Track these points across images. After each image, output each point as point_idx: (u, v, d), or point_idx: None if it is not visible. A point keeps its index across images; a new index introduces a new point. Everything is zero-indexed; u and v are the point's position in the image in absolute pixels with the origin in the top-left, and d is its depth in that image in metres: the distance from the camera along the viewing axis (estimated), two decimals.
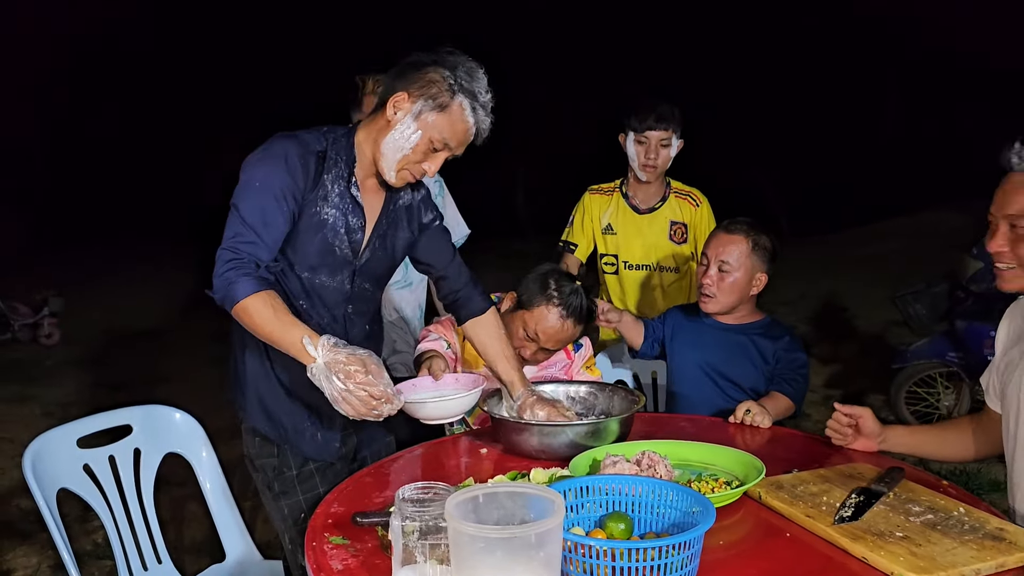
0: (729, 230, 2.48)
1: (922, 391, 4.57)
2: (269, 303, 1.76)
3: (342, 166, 1.95)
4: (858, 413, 1.99)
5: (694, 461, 1.88)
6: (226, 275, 1.76)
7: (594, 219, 3.17)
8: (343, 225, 1.95)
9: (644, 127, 3.01)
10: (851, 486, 1.71)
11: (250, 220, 1.81)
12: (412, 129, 1.87)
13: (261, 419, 2.03)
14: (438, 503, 1.34)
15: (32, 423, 5.41)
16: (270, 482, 2.06)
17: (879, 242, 11.17)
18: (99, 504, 2.14)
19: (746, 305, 2.51)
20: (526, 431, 1.94)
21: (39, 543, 3.51)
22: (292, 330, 1.74)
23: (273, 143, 1.90)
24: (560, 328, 2.30)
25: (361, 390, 1.67)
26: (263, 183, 1.84)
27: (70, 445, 2.15)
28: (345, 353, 1.69)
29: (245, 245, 1.80)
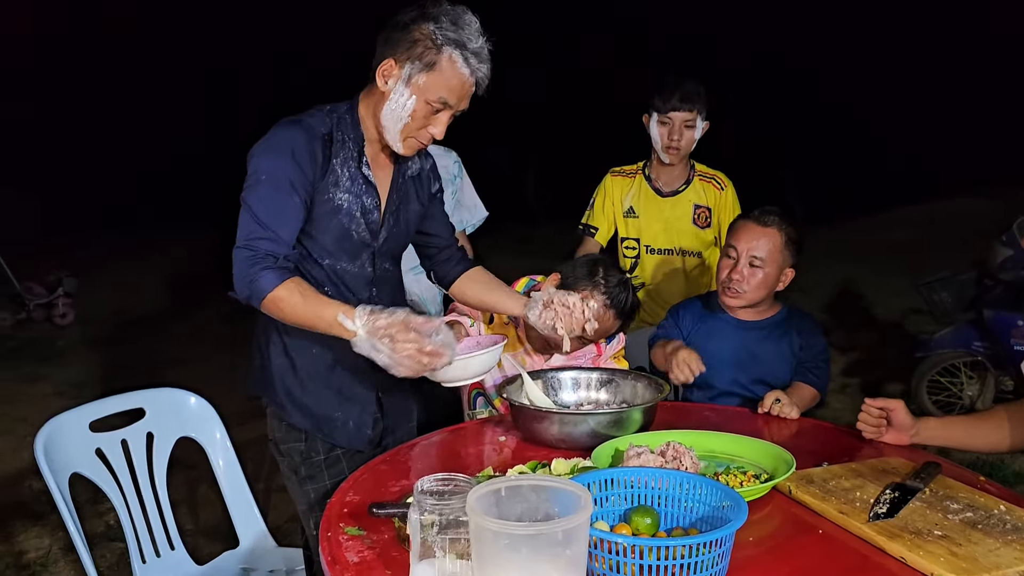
0: (762, 222, 2.34)
1: (945, 381, 4.49)
2: (297, 290, 1.72)
3: (350, 146, 1.88)
4: (890, 406, 1.92)
5: (720, 453, 1.82)
6: (247, 273, 1.72)
7: (615, 202, 3.10)
8: (358, 208, 1.89)
9: (668, 107, 2.92)
10: (884, 481, 1.65)
11: (263, 217, 1.76)
12: (406, 96, 1.79)
13: (292, 411, 1.98)
14: (459, 496, 1.28)
15: (44, 403, 5.41)
16: (296, 467, 2.01)
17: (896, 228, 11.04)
18: (111, 489, 2.11)
19: (768, 299, 2.41)
20: (546, 419, 1.89)
21: (51, 524, 3.49)
22: (326, 310, 1.69)
23: (277, 132, 1.83)
24: (602, 318, 2.17)
25: (408, 349, 1.62)
26: (270, 176, 1.78)
27: (82, 429, 2.12)
28: (384, 318, 1.64)
29: (261, 242, 1.75)
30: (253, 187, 1.78)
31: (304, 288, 1.74)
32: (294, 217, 1.80)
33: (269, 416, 2.03)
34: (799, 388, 2.30)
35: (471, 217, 2.90)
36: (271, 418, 2.03)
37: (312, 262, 1.89)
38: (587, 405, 2.10)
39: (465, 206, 2.87)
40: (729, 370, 2.42)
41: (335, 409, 1.99)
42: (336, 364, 1.96)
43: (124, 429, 2.21)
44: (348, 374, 1.98)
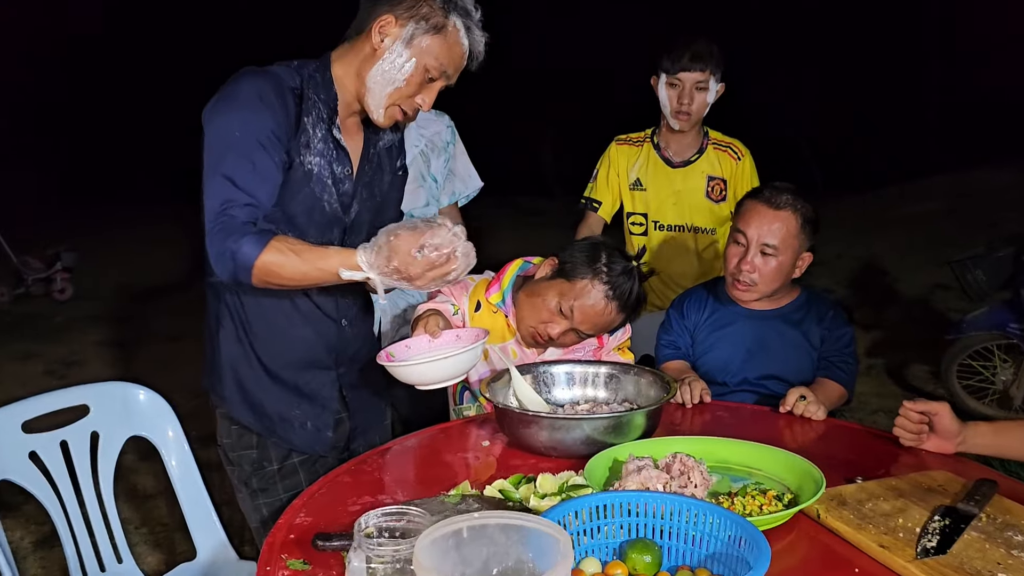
0: (774, 203, 2.03)
1: (977, 364, 4.21)
2: (286, 248, 1.53)
3: (321, 107, 1.67)
4: (933, 410, 1.65)
5: (735, 464, 1.57)
6: (224, 248, 1.52)
7: (620, 173, 2.82)
8: (329, 175, 1.69)
9: (677, 68, 2.64)
10: (931, 503, 1.40)
11: (240, 180, 1.54)
12: (404, 57, 1.62)
13: (242, 409, 1.78)
14: (413, 535, 1.04)
15: (32, 382, 5.24)
16: (247, 478, 1.81)
17: (920, 201, 10.70)
18: (48, 497, 1.88)
19: (783, 286, 2.13)
20: (534, 424, 1.64)
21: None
22: (326, 262, 1.53)
23: (240, 82, 1.61)
24: (602, 310, 1.92)
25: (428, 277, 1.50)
26: (244, 131, 1.56)
27: (13, 429, 1.88)
28: (385, 255, 1.48)
29: (237, 209, 1.53)
30: (222, 147, 1.56)
31: (293, 244, 1.54)
32: (276, 174, 1.60)
33: (219, 418, 1.83)
34: (824, 385, 2.03)
35: (465, 188, 2.63)
36: (221, 421, 1.82)
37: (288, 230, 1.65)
38: (583, 404, 1.85)
39: (459, 176, 2.60)
40: (741, 365, 2.16)
41: (292, 407, 1.78)
42: (296, 354, 1.75)
43: (64, 429, 1.97)
44: (309, 367, 1.77)
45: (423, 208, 2.51)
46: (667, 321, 2.26)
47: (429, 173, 2.51)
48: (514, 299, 2.06)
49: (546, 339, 1.95)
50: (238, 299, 1.74)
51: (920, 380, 4.86)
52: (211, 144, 1.58)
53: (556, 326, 1.93)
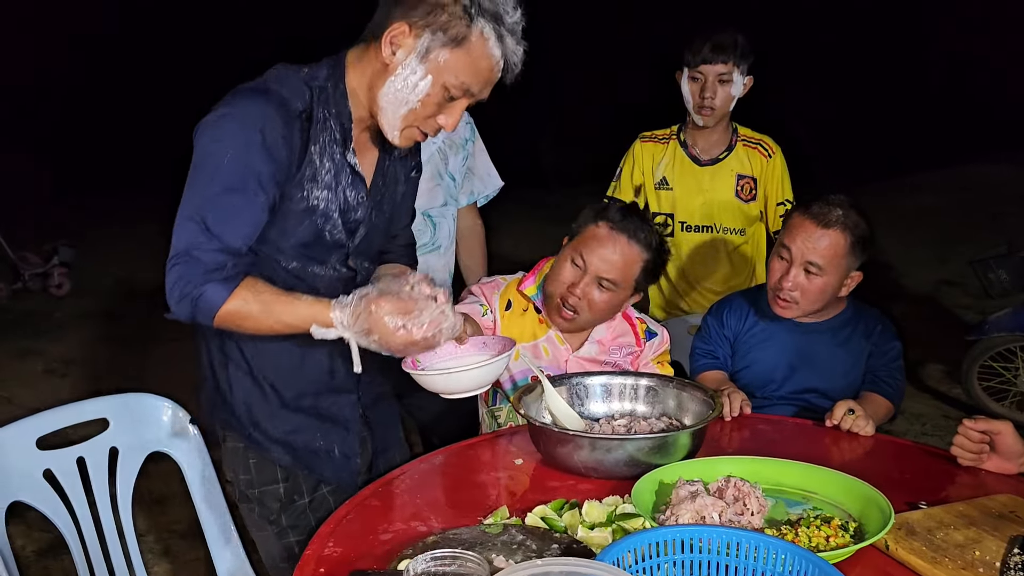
0: (822, 221, 1.90)
1: (998, 366, 4.13)
2: (252, 297, 1.39)
3: (332, 126, 1.48)
4: (995, 429, 1.56)
5: (790, 487, 1.48)
6: (186, 291, 1.37)
7: (645, 172, 2.71)
8: (338, 207, 1.51)
9: (698, 60, 2.54)
10: (1005, 532, 1.31)
11: (212, 224, 1.37)
12: (419, 75, 1.41)
13: (270, 445, 1.62)
14: None
15: (32, 380, 5.16)
16: (274, 515, 1.64)
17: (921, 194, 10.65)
18: (62, 519, 1.77)
19: None
20: (572, 443, 1.54)
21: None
22: (294, 317, 1.40)
23: (240, 105, 1.41)
24: (612, 246, 1.86)
25: (398, 339, 1.37)
26: (230, 168, 1.38)
27: (27, 446, 1.77)
28: (363, 324, 1.36)
29: (205, 254, 1.37)
30: (203, 180, 1.39)
31: (260, 291, 1.40)
32: (253, 222, 1.42)
33: (228, 453, 1.66)
34: (871, 399, 1.94)
35: (484, 188, 2.53)
36: (231, 455, 1.65)
37: (272, 265, 1.51)
38: (619, 419, 1.75)
39: (478, 175, 2.50)
40: (782, 378, 2.07)
41: (317, 437, 1.64)
42: (314, 381, 1.61)
43: (81, 445, 1.87)
44: (329, 391, 1.63)
45: (440, 207, 2.41)
46: (704, 329, 2.16)
47: (447, 171, 2.41)
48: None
49: (570, 300, 1.90)
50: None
51: (935, 380, 4.78)
52: (195, 169, 1.40)
53: (573, 280, 1.90)
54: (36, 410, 1.86)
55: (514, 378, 2.04)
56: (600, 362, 2.00)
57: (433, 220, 2.39)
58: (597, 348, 2.01)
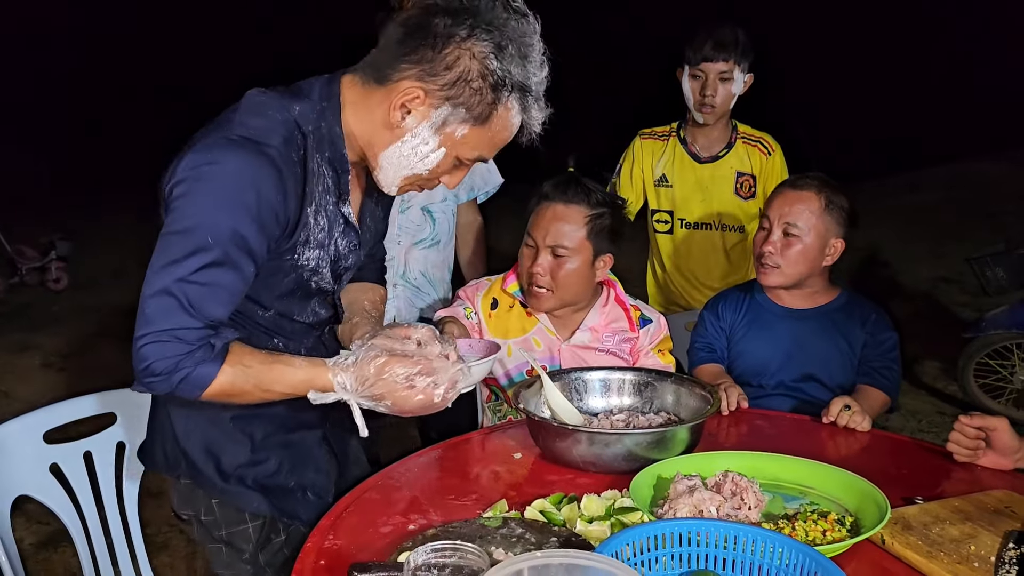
0: (797, 186, 2.03)
1: (995, 363, 4.14)
2: (241, 372, 1.26)
3: (327, 175, 1.33)
4: (991, 425, 1.57)
5: (787, 482, 1.49)
6: (167, 371, 1.21)
7: (645, 169, 2.72)
8: (328, 261, 1.40)
9: (699, 58, 2.54)
10: (1000, 527, 1.32)
11: (197, 303, 1.21)
12: (431, 146, 1.29)
13: (242, 496, 1.45)
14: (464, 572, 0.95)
15: (30, 375, 5.15)
16: (250, 556, 1.49)
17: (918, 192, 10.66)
18: (68, 514, 1.77)
19: (818, 279, 2.06)
20: (571, 437, 1.55)
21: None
22: (288, 387, 1.29)
23: (229, 159, 1.22)
24: (550, 214, 1.95)
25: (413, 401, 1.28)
26: (219, 237, 1.21)
27: (35, 440, 1.76)
28: (372, 389, 1.27)
29: (189, 334, 1.21)
30: (183, 249, 1.21)
31: (248, 363, 1.27)
32: (238, 292, 1.27)
33: (183, 491, 1.50)
34: (867, 393, 1.95)
35: (484, 184, 2.53)
36: (188, 494, 1.49)
37: (249, 314, 1.40)
38: (618, 414, 1.76)
39: (478, 172, 2.50)
40: (777, 368, 2.08)
41: (289, 477, 1.49)
42: (282, 419, 1.48)
43: (88, 439, 1.87)
44: (298, 428, 1.51)
45: (440, 203, 2.41)
46: (701, 323, 2.18)
47: None
48: None
49: (535, 280, 1.96)
50: None
51: (931, 377, 4.80)
52: (173, 233, 1.22)
53: (531, 260, 1.98)
54: (34, 404, 1.87)
55: (510, 373, 2.05)
56: (594, 349, 2.02)
57: (433, 215, 2.39)
58: (590, 335, 2.03)
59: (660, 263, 2.76)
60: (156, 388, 1.24)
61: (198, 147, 1.25)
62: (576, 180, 1.99)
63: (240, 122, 1.27)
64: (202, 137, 1.27)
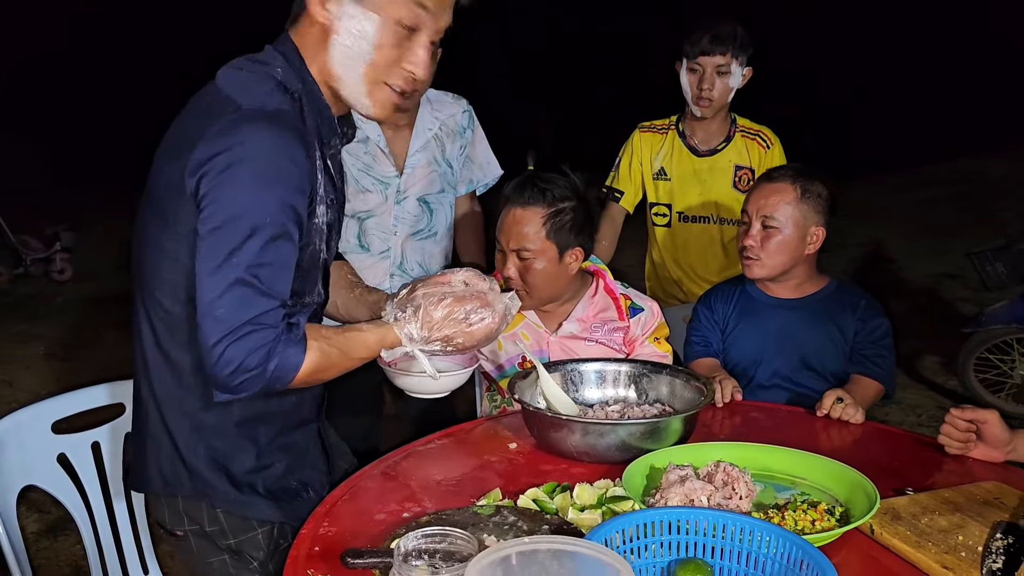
0: (772, 178, 2.05)
1: (995, 358, 4.15)
2: (325, 346, 1.29)
3: (321, 131, 1.36)
4: (982, 418, 1.58)
5: (779, 472, 1.50)
6: (260, 364, 1.20)
7: (644, 162, 2.73)
8: (324, 220, 1.38)
9: (696, 51, 2.55)
10: (989, 518, 1.33)
11: (268, 284, 1.22)
12: (361, 18, 1.26)
13: (253, 504, 1.42)
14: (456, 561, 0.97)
15: (33, 365, 5.18)
16: (257, 564, 1.45)
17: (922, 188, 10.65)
18: (75, 505, 1.79)
19: (803, 267, 2.07)
20: (565, 427, 1.56)
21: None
22: (362, 351, 1.37)
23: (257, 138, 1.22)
24: (510, 219, 1.96)
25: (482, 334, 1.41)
26: (270, 212, 1.22)
27: (43, 430, 1.78)
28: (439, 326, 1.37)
29: (268, 316, 1.22)
30: (241, 236, 1.20)
31: (328, 338, 1.31)
32: (295, 263, 1.29)
33: (176, 506, 1.44)
34: (860, 383, 1.96)
35: (483, 176, 2.54)
36: (187, 505, 1.43)
37: None
38: (613, 405, 1.78)
39: (476, 163, 2.51)
40: (769, 359, 2.09)
41: (290, 477, 1.47)
42: (286, 417, 1.47)
43: (97, 429, 1.88)
44: (293, 425, 1.49)
45: (437, 194, 2.42)
46: (695, 318, 2.19)
47: (443, 158, 2.42)
48: None
49: (509, 284, 1.97)
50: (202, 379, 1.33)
51: (931, 372, 4.80)
52: (224, 226, 1.20)
53: (499, 263, 2.00)
54: (37, 394, 1.88)
55: (503, 367, 2.07)
56: (583, 339, 2.04)
57: (430, 206, 2.41)
58: (578, 326, 2.05)
59: (658, 256, 2.77)
60: (249, 386, 1.22)
61: (212, 135, 1.22)
62: (532, 180, 1.97)
63: (243, 99, 1.26)
64: (208, 125, 1.24)
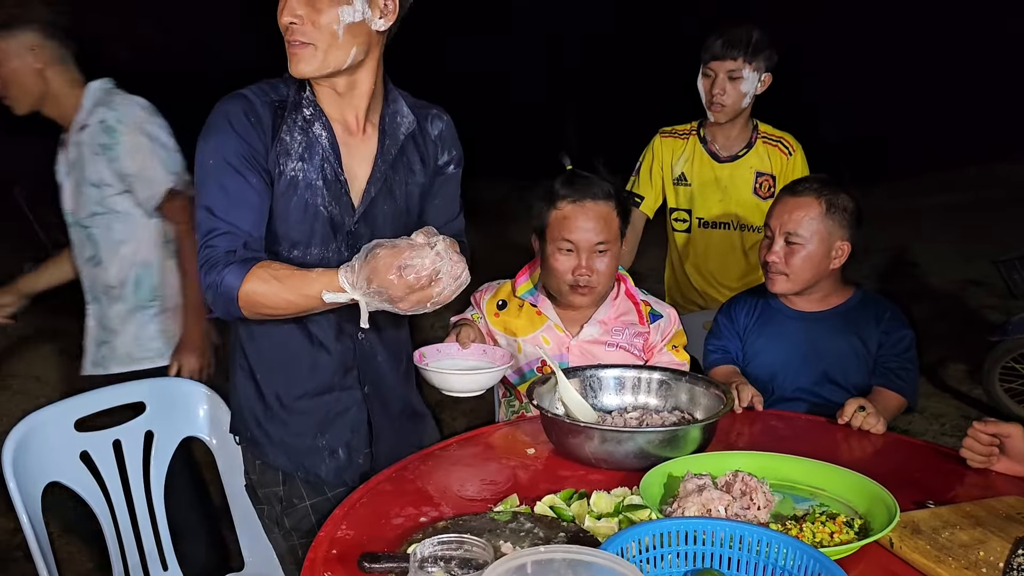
0: (796, 192, 2.01)
1: (1020, 368, 4.09)
2: (268, 276, 1.45)
3: (304, 109, 1.58)
4: (1005, 431, 1.56)
5: (798, 483, 1.49)
6: (209, 282, 1.47)
7: (664, 167, 2.72)
8: (320, 177, 1.57)
9: (709, 56, 2.54)
10: (1011, 532, 1.31)
11: (217, 208, 1.49)
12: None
13: (265, 446, 1.70)
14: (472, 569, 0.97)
15: (59, 361, 5.23)
16: (278, 517, 1.72)
17: (947, 193, 10.55)
18: (97, 501, 1.83)
19: (829, 281, 2.05)
20: (583, 434, 1.56)
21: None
22: (310, 287, 1.42)
23: (214, 111, 1.56)
24: (583, 214, 1.94)
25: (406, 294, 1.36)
26: (215, 159, 1.51)
27: (66, 428, 1.83)
28: (364, 274, 1.36)
29: (217, 239, 1.49)
30: (199, 178, 1.53)
31: (277, 270, 1.46)
32: (253, 200, 1.52)
33: (243, 453, 1.77)
34: (883, 395, 1.94)
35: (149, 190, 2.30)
36: (246, 457, 1.76)
37: (280, 259, 1.57)
38: (632, 412, 1.78)
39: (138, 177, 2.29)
40: (792, 372, 2.07)
41: (318, 437, 1.69)
42: (313, 381, 1.68)
43: (118, 428, 1.92)
44: (330, 390, 1.69)
45: (89, 216, 2.34)
46: (715, 326, 2.19)
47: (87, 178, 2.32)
48: (544, 290, 2.09)
49: (581, 281, 1.96)
50: (247, 332, 1.67)
51: (956, 380, 4.75)
52: (195, 176, 1.55)
53: (569, 263, 1.97)
54: (64, 390, 1.92)
55: (521, 370, 2.08)
56: (603, 344, 2.04)
57: (88, 231, 2.33)
58: (599, 329, 2.05)
59: (678, 261, 2.76)
60: (216, 309, 1.48)
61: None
62: (588, 176, 2.00)
63: None
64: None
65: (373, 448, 1.74)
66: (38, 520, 1.70)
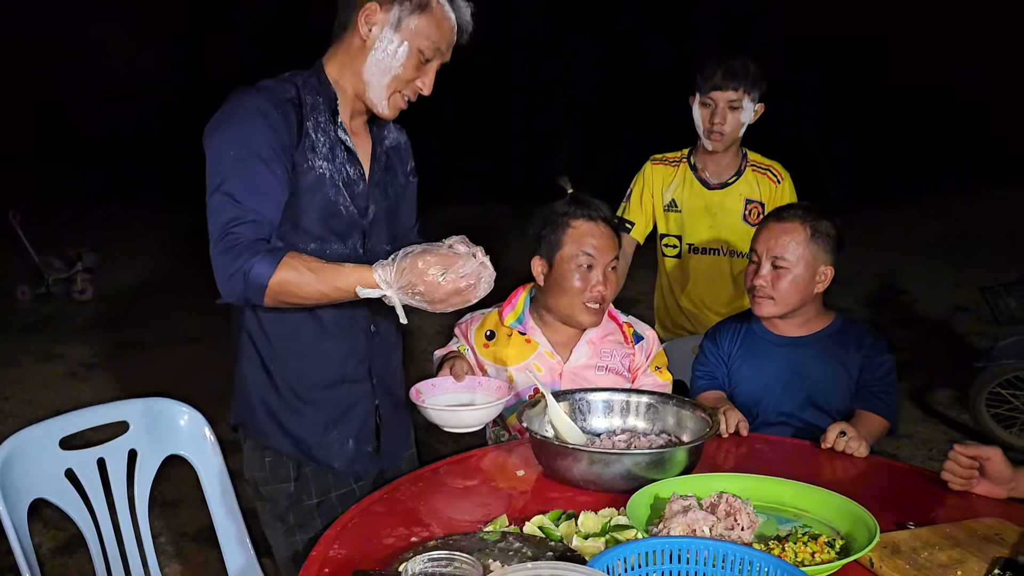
0: (782, 218, 2.06)
1: (1006, 393, 4.13)
2: (301, 266, 1.50)
3: (322, 108, 1.66)
4: (985, 454, 1.60)
5: (782, 504, 1.52)
6: (234, 268, 1.49)
7: (655, 193, 2.77)
8: (340, 177, 1.68)
9: (709, 86, 2.60)
10: (988, 553, 1.35)
11: (243, 197, 1.52)
12: (396, 42, 1.62)
13: (278, 437, 1.74)
14: None
15: (53, 384, 5.26)
16: (283, 513, 1.76)
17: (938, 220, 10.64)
18: (82, 518, 1.84)
19: (812, 306, 2.09)
20: (571, 456, 1.60)
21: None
22: (344, 280, 1.50)
23: (235, 100, 1.60)
24: (598, 232, 2.03)
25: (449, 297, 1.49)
26: (241, 147, 1.54)
27: (51, 446, 1.84)
28: (409, 277, 1.46)
29: (242, 227, 1.51)
30: (221, 167, 1.54)
31: (308, 261, 1.51)
32: (277, 192, 1.57)
33: (248, 452, 1.79)
34: (865, 419, 1.98)
35: None
36: (250, 453, 1.78)
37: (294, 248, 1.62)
38: (620, 434, 1.81)
39: None
40: (775, 397, 2.11)
41: (329, 428, 1.75)
42: (326, 372, 1.74)
43: (102, 446, 1.94)
44: (341, 382, 1.75)
45: None
46: (701, 352, 2.22)
47: None
48: (533, 317, 2.12)
49: (600, 295, 2.02)
50: (256, 321, 1.70)
51: (943, 405, 4.78)
52: (211, 164, 1.56)
53: (587, 280, 2.01)
54: (57, 412, 1.94)
55: (518, 395, 2.10)
56: (593, 367, 2.08)
57: None
58: (588, 350, 2.08)
59: (668, 287, 2.80)
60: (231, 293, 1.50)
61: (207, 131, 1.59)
62: (591, 199, 2.09)
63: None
64: None
65: (380, 439, 1.83)
66: (25, 536, 1.71)
